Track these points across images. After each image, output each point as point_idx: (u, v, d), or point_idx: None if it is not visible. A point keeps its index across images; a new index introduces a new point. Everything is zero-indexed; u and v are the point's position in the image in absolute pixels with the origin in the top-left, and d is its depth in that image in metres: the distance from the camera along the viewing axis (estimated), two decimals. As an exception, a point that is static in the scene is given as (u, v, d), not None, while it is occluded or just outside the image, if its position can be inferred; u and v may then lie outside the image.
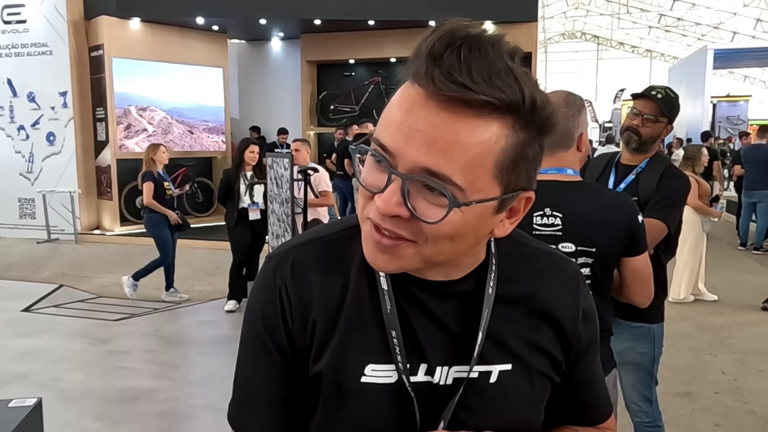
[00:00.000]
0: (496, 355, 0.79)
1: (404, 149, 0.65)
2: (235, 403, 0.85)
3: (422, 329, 0.78)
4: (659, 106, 2.32)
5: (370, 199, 0.69)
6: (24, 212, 9.91)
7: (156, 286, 6.67)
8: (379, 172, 0.68)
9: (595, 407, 0.94)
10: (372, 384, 0.77)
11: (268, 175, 5.17)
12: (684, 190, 2.33)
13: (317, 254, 0.81)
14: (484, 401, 0.79)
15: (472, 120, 0.63)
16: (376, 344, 0.77)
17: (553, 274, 0.85)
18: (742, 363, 4.46)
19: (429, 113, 0.64)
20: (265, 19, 9.99)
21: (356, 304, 0.78)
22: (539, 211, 1.76)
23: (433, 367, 0.78)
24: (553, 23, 33.64)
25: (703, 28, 29.47)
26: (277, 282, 0.80)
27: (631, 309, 2.25)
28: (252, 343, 0.82)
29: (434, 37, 0.64)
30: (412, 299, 0.78)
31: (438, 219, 0.65)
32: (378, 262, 0.71)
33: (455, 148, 0.63)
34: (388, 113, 0.68)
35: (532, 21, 9.35)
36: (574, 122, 1.78)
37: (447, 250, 0.69)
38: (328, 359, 0.78)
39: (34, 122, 9.72)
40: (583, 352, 0.87)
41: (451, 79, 0.62)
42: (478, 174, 0.65)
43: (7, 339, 4.94)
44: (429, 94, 0.63)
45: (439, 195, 0.65)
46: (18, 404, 2.02)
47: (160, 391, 3.92)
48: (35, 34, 9.54)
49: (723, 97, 19.77)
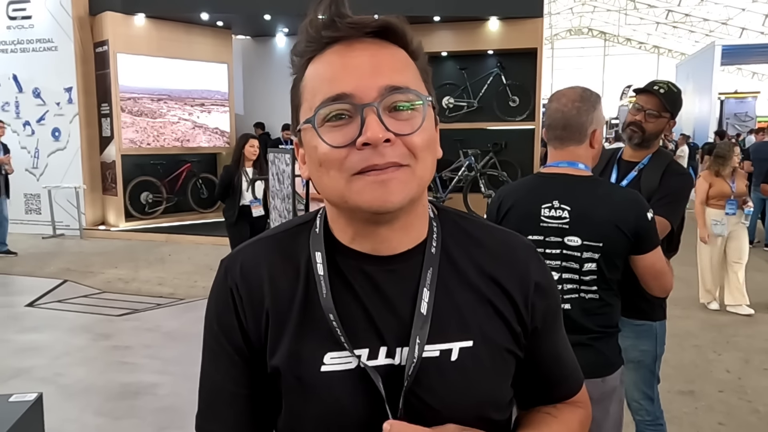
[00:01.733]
0: (455, 332, 0.79)
1: (363, 83, 0.71)
2: (200, 410, 0.86)
3: (377, 311, 0.78)
4: (662, 101, 2.31)
5: (345, 157, 0.72)
6: (29, 208, 9.95)
7: (159, 282, 6.68)
8: (343, 125, 0.72)
9: (564, 382, 0.93)
10: (332, 372, 0.77)
11: (270, 170, 5.16)
12: (686, 186, 2.32)
13: (266, 251, 0.84)
14: (447, 380, 0.78)
15: (387, 45, 0.76)
16: (329, 332, 0.77)
17: (503, 246, 0.86)
18: (746, 361, 4.42)
19: (360, 51, 0.74)
20: (270, 15, 9.98)
21: (308, 295, 0.79)
22: (548, 203, 1.76)
23: (393, 349, 0.78)
24: (560, 19, 33.47)
25: (711, 24, 29.28)
26: (228, 282, 0.82)
27: (633, 306, 2.24)
28: (210, 347, 0.84)
29: (313, 10, 0.75)
30: (364, 280, 0.79)
31: (419, 124, 0.73)
32: (387, 196, 0.72)
33: (399, 64, 0.75)
34: (319, 78, 0.74)
35: (538, 17, 9.29)
36: (587, 117, 1.77)
37: (429, 163, 0.76)
38: (285, 352, 0.78)
39: (39, 118, 9.75)
40: (543, 325, 0.86)
41: (351, 21, 0.73)
42: (418, 80, 0.77)
43: (10, 334, 4.96)
44: (347, 41, 0.74)
45: (405, 110, 0.73)
46: (18, 399, 2.02)
47: (161, 386, 3.93)
48: (40, 30, 9.56)
49: (731, 94, 19.64)
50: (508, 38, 9.39)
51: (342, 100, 0.71)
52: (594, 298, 1.78)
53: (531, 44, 9.31)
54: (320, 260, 0.79)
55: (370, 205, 0.72)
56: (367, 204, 0.72)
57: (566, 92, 1.81)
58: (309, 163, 0.78)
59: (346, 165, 0.72)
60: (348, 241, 0.80)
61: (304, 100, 0.76)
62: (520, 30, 9.31)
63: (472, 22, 9.42)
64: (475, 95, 9.78)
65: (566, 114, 1.76)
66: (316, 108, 0.73)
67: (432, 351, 0.77)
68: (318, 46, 0.75)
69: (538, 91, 9.50)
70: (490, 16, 9.38)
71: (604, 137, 12.40)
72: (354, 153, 0.71)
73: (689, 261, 5.69)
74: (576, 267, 1.75)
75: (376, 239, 0.78)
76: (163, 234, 9.35)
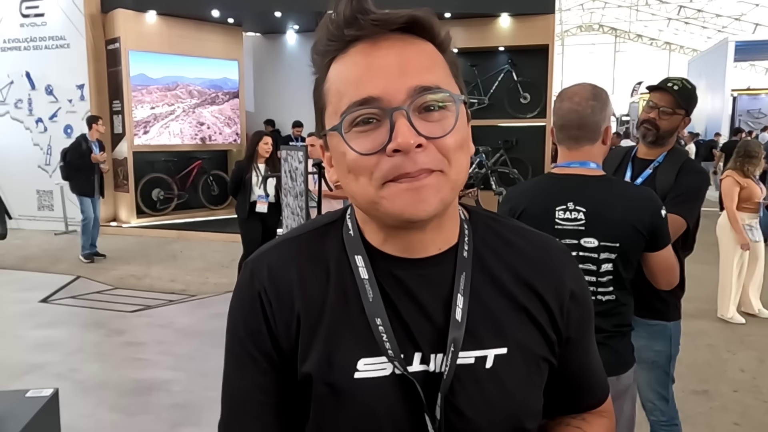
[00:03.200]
0: (490, 339, 0.77)
1: (391, 85, 0.68)
2: (224, 420, 0.82)
3: (411, 317, 0.75)
4: (676, 98, 2.28)
5: (375, 164, 0.69)
6: (42, 204, 10.02)
7: (171, 278, 6.72)
8: (372, 130, 0.69)
9: (591, 391, 0.92)
10: (367, 379, 0.74)
11: (283, 168, 5.17)
12: (703, 185, 2.29)
13: (293, 253, 0.80)
14: (482, 388, 0.76)
15: (414, 40, 0.72)
16: (365, 337, 0.74)
17: (539, 250, 0.83)
18: (761, 361, 4.39)
19: (386, 50, 0.70)
20: (280, 12, 9.99)
21: (339, 298, 0.76)
22: (562, 205, 1.74)
23: (427, 355, 0.75)
24: (571, 15, 33.26)
25: (723, 19, 28.99)
26: (256, 286, 0.78)
27: (648, 306, 2.23)
28: (236, 353, 0.80)
29: (334, 6, 0.71)
30: (396, 285, 0.76)
31: (452, 124, 0.69)
32: (419, 204, 0.69)
33: (427, 61, 0.71)
34: (344, 80, 0.71)
35: (550, 13, 9.24)
36: (601, 115, 1.76)
37: (463, 165, 0.72)
38: (317, 358, 0.75)
39: (51, 115, 9.81)
40: (577, 334, 0.84)
41: (375, 17, 0.69)
42: (448, 75, 0.73)
43: (25, 330, 5.00)
44: (372, 39, 0.70)
45: (436, 110, 0.69)
46: (35, 394, 2.04)
47: (174, 382, 3.95)
48: (53, 27, 9.62)
49: (744, 91, 19.45)
50: (519, 35, 9.35)
51: (369, 104, 0.68)
52: (610, 299, 1.77)
53: (542, 41, 9.27)
54: (362, 264, 0.77)
55: (401, 213, 0.69)
56: (398, 211, 0.70)
57: (577, 90, 1.78)
58: (337, 167, 0.75)
59: (376, 173, 0.69)
60: (379, 243, 0.78)
61: (329, 102, 0.73)
62: (532, 26, 9.26)
63: (483, 18, 9.38)
64: (486, 92, 9.75)
65: (581, 113, 1.74)
66: (342, 113, 0.70)
67: (467, 358, 0.75)
68: (341, 45, 0.72)
69: (549, 87, 9.45)
70: (501, 12, 9.34)
71: (615, 134, 12.15)
72: (384, 160, 0.68)
73: (701, 259, 5.61)
74: (593, 269, 1.74)
75: (407, 242, 0.76)
76: (175, 231, 9.39)
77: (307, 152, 4.91)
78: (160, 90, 9.86)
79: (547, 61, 9.36)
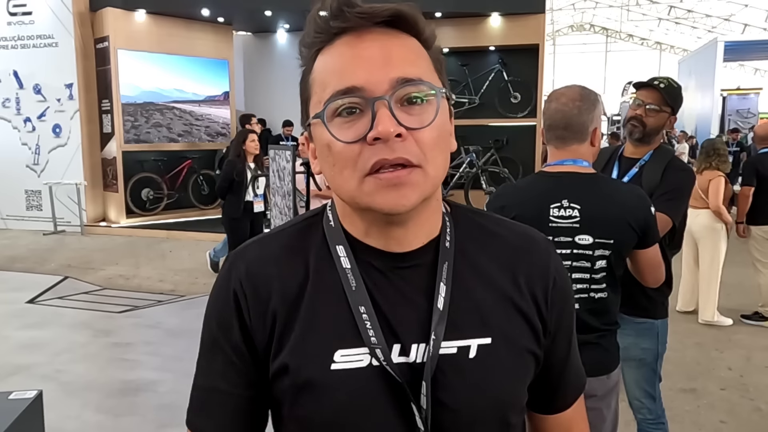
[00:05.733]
0: (473, 329, 0.77)
1: (374, 75, 0.69)
2: (191, 404, 0.84)
3: (390, 307, 0.75)
4: (662, 95, 2.30)
5: (357, 154, 0.70)
6: (30, 204, 9.95)
7: (160, 278, 6.68)
8: (354, 120, 0.70)
9: (566, 390, 0.91)
10: (344, 371, 0.74)
11: (270, 167, 5.15)
12: (689, 183, 2.31)
13: (273, 248, 0.81)
14: (465, 378, 0.75)
15: (398, 34, 0.73)
16: (343, 328, 0.75)
17: (522, 237, 0.84)
18: (748, 359, 4.41)
19: (371, 42, 0.71)
20: (271, 11, 9.96)
21: (318, 290, 0.77)
22: (556, 203, 1.75)
23: (407, 346, 0.75)
24: (562, 15, 33.35)
25: (713, 20, 29.16)
26: (232, 280, 0.80)
27: (634, 303, 2.23)
28: (207, 344, 0.82)
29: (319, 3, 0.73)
30: (377, 276, 0.76)
31: (432, 117, 0.71)
32: (399, 200, 0.70)
33: (411, 54, 0.73)
34: (328, 70, 0.72)
35: (540, 12, 9.26)
36: (588, 116, 1.77)
37: (441, 161, 0.73)
38: (293, 350, 0.75)
39: (40, 114, 9.73)
40: (560, 327, 0.84)
41: (360, 10, 0.70)
42: (431, 70, 0.74)
43: (11, 330, 4.95)
44: (357, 31, 0.71)
45: (419, 104, 0.71)
46: (18, 396, 2.01)
47: (161, 383, 3.92)
48: (41, 25, 9.54)
49: (733, 90, 19.56)
50: (510, 34, 9.36)
51: (352, 93, 0.69)
52: (602, 297, 1.78)
53: (533, 40, 9.28)
54: (344, 253, 0.77)
55: (381, 207, 0.71)
56: (378, 206, 0.71)
57: (565, 92, 1.80)
58: (320, 159, 0.76)
59: (359, 164, 0.70)
60: (361, 235, 0.78)
61: (314, 93, 0.74)
62: (522, 26, 9.27)
63: (473, 18, 9.38)
64: (476, 91, 9.75)
65: (567, 114, 1.76)
66: (326, 102, 0.71)
67: (449, 348, 0.75)
68: (326, 37, 0.73)
69: (539, 87, 9.47)
70: (491, 12, 9.35)
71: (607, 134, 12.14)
72: (366, 149, 0.69)
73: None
74: (587, 266, 1.75)
75: (389, 236, 0.76)
76: (164, 230, 9.34)
77: (295, 152, 4.90)
78: (151, 108, 9.80)
79: (537, 60, 9.38)
